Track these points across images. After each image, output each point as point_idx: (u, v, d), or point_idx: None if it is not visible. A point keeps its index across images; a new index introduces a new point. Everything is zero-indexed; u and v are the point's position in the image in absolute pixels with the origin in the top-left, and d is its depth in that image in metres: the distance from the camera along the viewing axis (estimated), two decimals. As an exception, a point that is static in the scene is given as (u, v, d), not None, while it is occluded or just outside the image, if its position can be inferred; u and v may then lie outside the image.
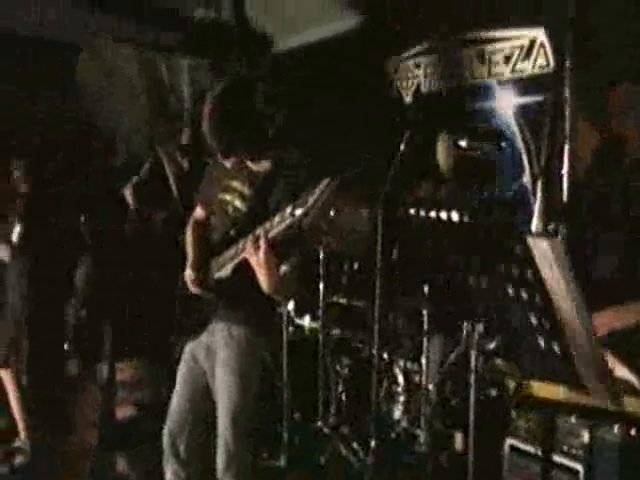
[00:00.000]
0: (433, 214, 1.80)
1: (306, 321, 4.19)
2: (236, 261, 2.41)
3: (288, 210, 2.21)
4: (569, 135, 3.94)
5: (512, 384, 2.54)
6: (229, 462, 2.45)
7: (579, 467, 2.86)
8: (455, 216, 1.70)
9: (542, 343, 1.62)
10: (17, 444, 3.81)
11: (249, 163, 2.54)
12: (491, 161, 4.31)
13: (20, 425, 3.83)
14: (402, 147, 3.57)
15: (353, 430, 3.77)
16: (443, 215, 1.76)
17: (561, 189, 3.94)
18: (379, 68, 5.03)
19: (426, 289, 3.45)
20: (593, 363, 1.53)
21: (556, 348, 1.59)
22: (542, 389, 1.90)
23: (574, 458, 2.88)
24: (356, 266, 3.92)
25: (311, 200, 2.15)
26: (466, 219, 1.68)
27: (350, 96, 4.97)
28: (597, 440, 2.79)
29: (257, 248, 2.26)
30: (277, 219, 2.24)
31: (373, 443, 3.55)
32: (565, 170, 3.97)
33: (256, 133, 2.45)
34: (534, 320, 1.60)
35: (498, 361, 2.76)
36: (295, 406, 3.74)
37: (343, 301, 3.95)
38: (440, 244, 1.99)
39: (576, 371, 1.57)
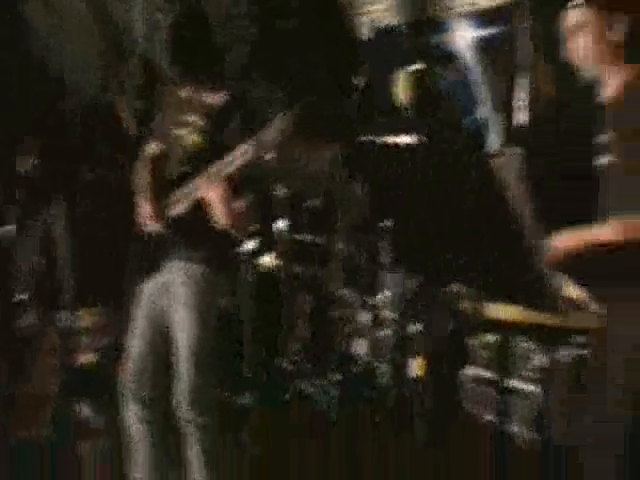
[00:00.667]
0: (390, 140, 1.77)
1: (268, 259, 4.18)
2: (192, 198, 2.38)
3: (244, 147, 2.17)
4: (529, 66, 3.95)
5: (468, 308, 2.59)
6: (194, 398, 2.43)
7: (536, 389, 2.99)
8: (411, 139, 1.68)
9: (500, 262, 1.63)
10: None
11: (205, 95, 2.50)
12: (450, 92, 4.30)
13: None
14: (361, 82, 3.54)
15: (317, 366, 3.82)
16: (402, 140, 1.73)
17: (521, 120, 3.96)
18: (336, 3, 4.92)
19: (387, 222, 3.45)
20: (544, 280, 1.55)
21: (514, 266, 1.61)
22: (496, 310, 1.93)
23: (531, 381, 3.01)
24: (317, 203, 3.90)
25: (268, 136, 2.12)
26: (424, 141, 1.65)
27: (309, 32, 4.86)
28: (553, 362, 2.90)
29: (212, 186, 2.24)
30: (232, 156, 2.22)
31: (336, 377, 3.63)
32: (524, 101, 3.99)
33: (212, 59, 2.49)
34: (492, 238, 1.60)
35: (455, 286, 2.79)
36: (258, 344, 3.75)
37: (305, 238, 3.94)
38: (399, 172, 1.98)
39: (532, 288, 1.59)
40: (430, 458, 3.03)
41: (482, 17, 4.17)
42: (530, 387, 2.96)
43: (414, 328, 3.26)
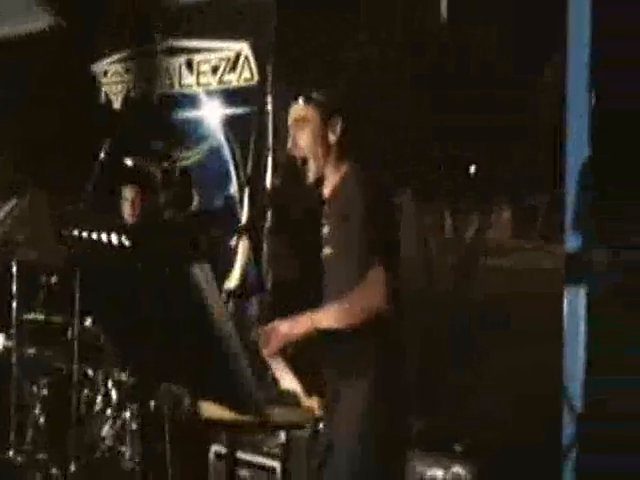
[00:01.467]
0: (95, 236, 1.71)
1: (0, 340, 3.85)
2: None
3: None
4: (272, 146, 4.13)
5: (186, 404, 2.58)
6: None
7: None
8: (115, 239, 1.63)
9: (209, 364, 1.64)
10: None
11: None
12: (200, 170, 4.35)
13: None
14: (102, 155, 3.46)
15: (53, 455, 3.53)
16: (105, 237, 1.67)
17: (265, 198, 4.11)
18: (86, 71, 4.81)
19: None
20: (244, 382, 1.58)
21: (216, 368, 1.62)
22: (206, 409, 1.93)
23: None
24: (54, 279, 3.68)
25: (2, 214, 1.99)
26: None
27: (56, 101, 4.68)
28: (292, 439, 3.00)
29: None
30: None
31: (73, 466, 3.38)
32: (268, 179, 4.15)
33: None
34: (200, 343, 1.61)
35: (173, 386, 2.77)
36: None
37: (40, 317, 3.68)
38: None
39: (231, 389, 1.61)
40: None
41: (231, 96, 4.30)
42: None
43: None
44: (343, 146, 2.20)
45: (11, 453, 3.43)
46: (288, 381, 2.16)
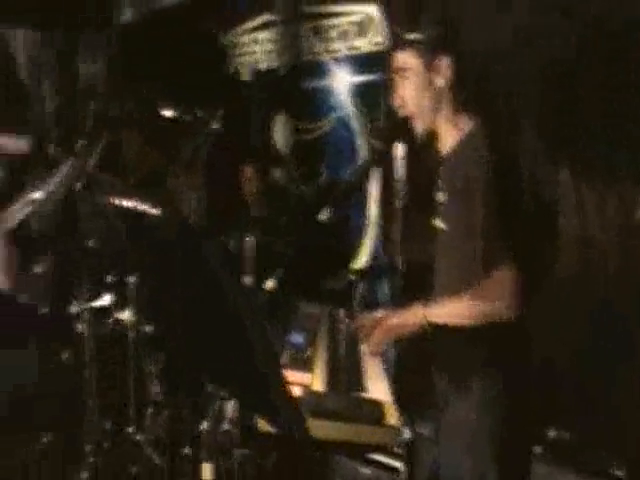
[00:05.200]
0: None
1: (127, 315, 3.83)
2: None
3: (29, 196, 1.93)
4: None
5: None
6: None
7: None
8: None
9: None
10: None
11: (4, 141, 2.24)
12: (328, 142, 4.11)
13: None
14: (215, 125, 3.29)
15: (169, 434, 3.46)
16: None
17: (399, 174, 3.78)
18: (217, 42, 4.72)
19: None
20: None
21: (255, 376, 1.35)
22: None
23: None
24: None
25: (52, 184, 1.88)
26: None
27: (187, 72, 4.63)
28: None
29: None
30: (17, 206, 2.00)
31: (187, 449, 3.29)
32: (400, 151, 3.82)
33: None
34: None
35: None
36: (103, 410, 3.39)
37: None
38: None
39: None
40: None
41: (360, 62, 4.02)
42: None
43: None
44: (457, 94, 1.83)
45: (130, 429, 3.39)
46: (379, 389, 1.84)
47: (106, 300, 3.84)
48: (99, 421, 3.31)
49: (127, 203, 1.55)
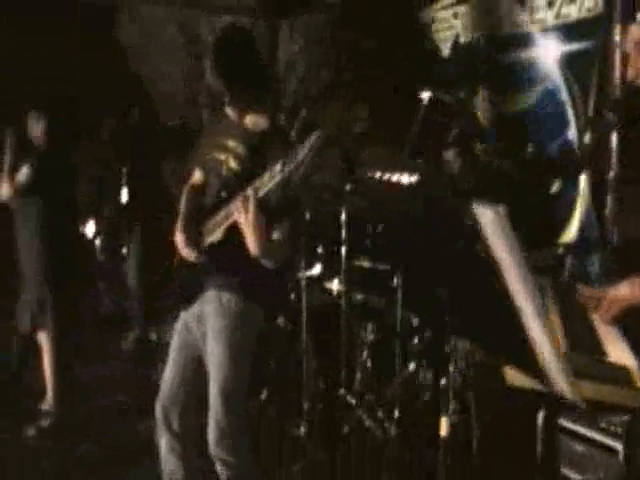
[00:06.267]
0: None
1: (335, 285, 4.05)
2: (227, 224, 2.30)
3: (278, 167, 2.08)
4: (619, 81, 3.62)
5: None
6: (221, 436, 2.35)
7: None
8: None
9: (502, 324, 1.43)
10: (44, 407, 3.84)
11: (248, 120, 2.44)
12: (532, 116, 4.03)
13: (49, 387, 3.85)
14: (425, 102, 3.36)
15: (378, 399, 3.63)
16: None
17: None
18: (414, 18, 4.76)
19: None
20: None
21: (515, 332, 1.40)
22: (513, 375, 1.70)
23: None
24: (380, 228, 3.72)
25: (301, 154, 2.00)
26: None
27: (383, 48, 4.73)
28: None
29: (246, 208, 2.14)
30: (267, 177, 2.13)
31: (397, 412, 3.43)
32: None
33: (256, 81, 2.41)
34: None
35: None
36: (318, 374, 3.63)
37: (366, 264, 3.78)
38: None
39: (535, 358, 1.37)
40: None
41: (569, 31, 3.87)
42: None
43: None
44: None
45: (342, 391, 3.60)
46: (620, 354, 1.82)
47: (317, 270, 4.09)
48: (314, 383, 3.56)
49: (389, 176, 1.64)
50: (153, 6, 6.49)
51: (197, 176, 2.63)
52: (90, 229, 6.13)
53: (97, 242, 6.15)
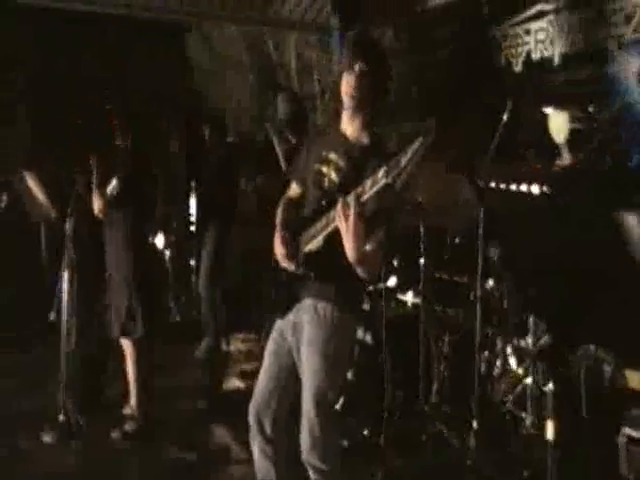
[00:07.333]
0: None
1: (409, 297, 4.10)
2: (327, 231, 2.33)
3: (380, 173, 2.10)
4: None
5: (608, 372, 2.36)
6: (313, 444, 2.39)
7: None
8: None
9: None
10: (127, 411, 3.95)
11: (350, 133, 2.49)
12: (610, 133, 4.03)
13: (132, 392, 3.96)
14: (505, 117, 3.39)
15: (455, 410, 3.66)
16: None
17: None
18: (487, 35, 4.81)
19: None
20: None
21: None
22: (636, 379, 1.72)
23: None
24: (458, 240, 3.76)
25: (403, 161, 2.02)
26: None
27: (458, 64, 4.79)
28: None
29: (347, 214, 2.17)
30: (369, 183, 2.15)
31: (475, 424, 3.44)
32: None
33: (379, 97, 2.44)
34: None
35: (591, 347, 2.55)
36: (396, 384, 3.66)
37: (445, 276, 3.82)
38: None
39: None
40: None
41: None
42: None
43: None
44: None
45: (421, 402, 3.63)
46: None
47: (392, 282, 4.14)
48: (392, 392, 3.59)
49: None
50: (222, 24, 6.67)
51: (294, 189, 2.71)
52: (160, 241, 6.29)
53: (167, 253, 6.31)
